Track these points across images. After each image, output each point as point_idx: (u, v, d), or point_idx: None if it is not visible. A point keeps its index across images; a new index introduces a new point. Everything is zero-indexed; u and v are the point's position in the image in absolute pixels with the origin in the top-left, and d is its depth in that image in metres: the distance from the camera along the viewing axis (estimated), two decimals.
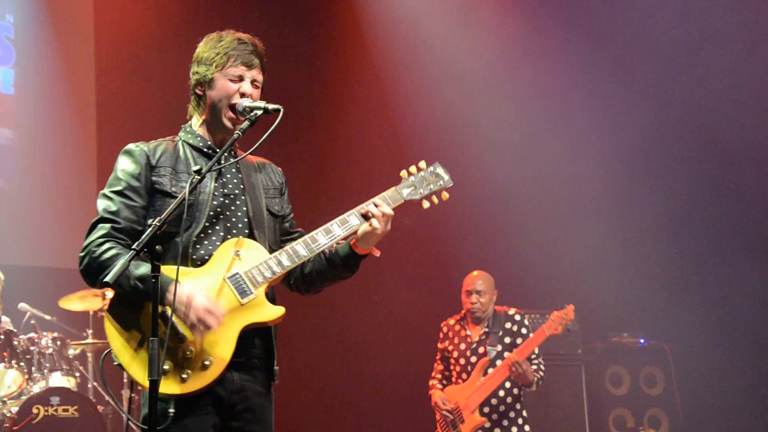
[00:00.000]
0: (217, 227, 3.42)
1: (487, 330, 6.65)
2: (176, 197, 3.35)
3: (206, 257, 3.36)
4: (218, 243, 3.39)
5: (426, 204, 3.67)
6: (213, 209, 3.41)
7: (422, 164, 3.70)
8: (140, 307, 3.25)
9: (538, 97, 9.04)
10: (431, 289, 9.11)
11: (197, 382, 3.23)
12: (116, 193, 3.37)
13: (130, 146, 3.47)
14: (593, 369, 8.25)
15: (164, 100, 6.91)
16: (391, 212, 3.50)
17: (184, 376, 3.21)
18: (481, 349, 6.61)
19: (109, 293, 3.78)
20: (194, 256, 3.35)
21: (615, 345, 8.48)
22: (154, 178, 3.41)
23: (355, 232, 3.49)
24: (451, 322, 6.88)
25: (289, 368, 8.10)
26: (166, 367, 3.16)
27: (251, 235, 3.46)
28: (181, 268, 3.21)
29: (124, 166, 3.42)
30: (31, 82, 9.62)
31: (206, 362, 3.24)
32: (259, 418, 3.42)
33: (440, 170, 3.71)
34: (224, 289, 3.33)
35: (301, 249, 3.44)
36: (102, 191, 3.41)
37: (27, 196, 9.30)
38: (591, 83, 8.87)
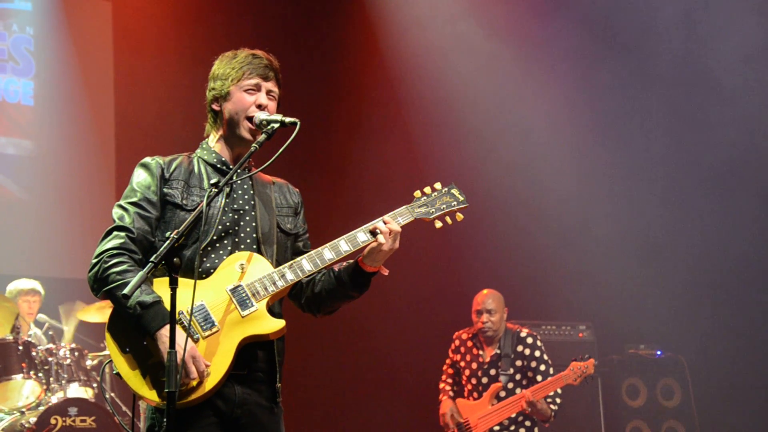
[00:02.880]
0: (225, 242, 3.44)
1: (498, 352, 6.64)
2: (187, 210, 3.41)
3: (211, 270, 3.39)
4: (224, 257, 3.41)
5: (438, 224, 3.65)
6: (222, 224, 3.44)
7: (437, 185, 3.70)
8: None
9: (556, 111, 9.02)
10: (444, 302, 9.11)
11: (194, 393, 3.23)
12: (131, 204, 3.41)
13: (146, 159, 3.52)
14: (610, 381, 8.22)
15: (182, 111, 6.96)
16: (399, 229, 3.49)
17: (182, 387, 3.20)
18: (492, 371, 6.62)
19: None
20: (200, 269, 3.37)
21: (631, 357, 8.44)
22: (165, 190, 3.45)
23: (364, 249, 3.49)
24: (464, 336, 6.87)
25: (299, 383, 8.14)
26: (163, 379, 3.13)
27: (259, 251, 3.47)
28: (186, 279, 3.24)
29: (140, 178, 3.47)
30: (50, 94, 9.70)
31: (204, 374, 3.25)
32: None
33: (455, 191, 3.70)
34: (226, 302, 3.35)
35: (306, 264, 3.45)
36: (117, 202, 3.46)
37: (45, 207, 9.36)
38: (607, 96, 8.85)
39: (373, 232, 3.47)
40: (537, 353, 6.61)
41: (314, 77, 9.74)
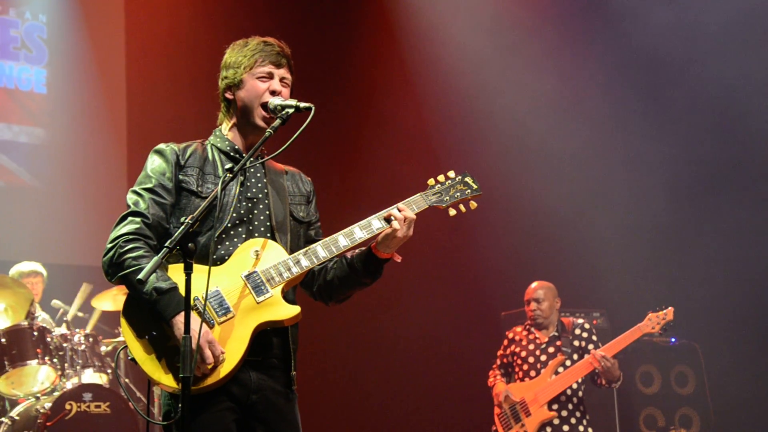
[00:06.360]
0: (239, 229, 3.44)
1: (556, 334, 6.90)
2: (201, 196, 3.41)
3: (226, 257, 3.39)
4: (239, 244, 3.41)
5: (452, 212, 3.66)
6: (236, 212, 3.45)
7: (451, 173, 3.71)
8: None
9: (568, 99, 8.95)
10: (454, 288, 9.10)
11: (210, 378, 3.23)
12: (146, 190, 3.41)
13: (161, 146, 3.51)
14: (624, 368, 8.12)
15: (194, 99, 6.95)
16: (414, 216, 3.49)
17: (197, 372, 3.20)
18: (551, 349, 6.84)
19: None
20: (214, 256, 3.37)
21: (645, 344, 8.40)
22: (181, 177, 3.45)
23: (377, 236, 3.48)
24: (518, 329, 7.13)
25: (313, 370, 8.15)
26: (179, 364, 3.12)
27: (272, 239, 3.47)
28: (200, 266, 3.24)
29: (155, 164, 3.47)
30: (63, 82, 9.72)
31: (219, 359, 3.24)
32: (284, 419, 3.42)
33: (469, 179, 3.71)
34: (241, 288, 3.35)
35: (321, 250, 3.45)
36: (132, 188, 3.45)
37: (58, 195, 9.39)
38: (630, 91, 8.79)
39: (388, 219, 3.47)
40: (594, 337, 6.92)
41: (327, 64, 9.71)
